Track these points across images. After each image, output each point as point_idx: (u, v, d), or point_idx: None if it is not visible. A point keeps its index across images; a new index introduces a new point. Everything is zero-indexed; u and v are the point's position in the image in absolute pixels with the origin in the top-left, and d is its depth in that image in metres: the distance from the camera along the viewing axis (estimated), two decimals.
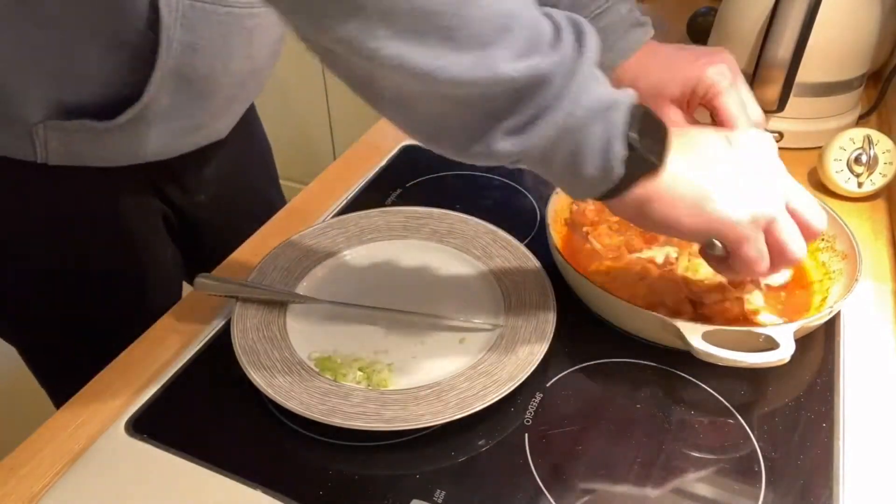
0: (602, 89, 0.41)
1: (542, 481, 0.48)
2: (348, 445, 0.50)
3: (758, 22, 0.82)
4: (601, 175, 0.42)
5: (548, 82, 0.39)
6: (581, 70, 0.40)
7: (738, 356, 0.49)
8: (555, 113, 0.39)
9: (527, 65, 0.38)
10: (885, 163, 0.75)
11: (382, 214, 0.69)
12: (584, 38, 0.40)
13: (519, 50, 0.38)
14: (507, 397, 0.51)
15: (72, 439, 0.51)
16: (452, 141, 0.42)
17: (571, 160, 0.42)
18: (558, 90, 0.39)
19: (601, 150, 0.41)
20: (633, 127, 0.41)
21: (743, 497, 0.47)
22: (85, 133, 0.59)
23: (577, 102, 0.40)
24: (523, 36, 0.38)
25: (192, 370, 0.56)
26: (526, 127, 0.40)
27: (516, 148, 0.41)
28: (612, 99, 0.41)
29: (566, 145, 0.41)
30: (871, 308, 0.63)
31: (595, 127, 0.41)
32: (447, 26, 0.36)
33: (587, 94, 0.40)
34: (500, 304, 0.60)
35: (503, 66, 0.37)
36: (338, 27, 0.35)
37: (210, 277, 0.60)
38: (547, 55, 0.39)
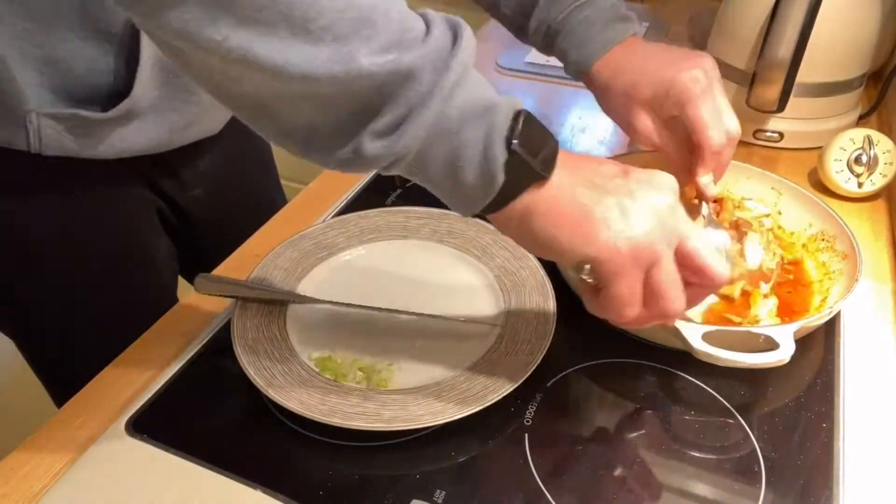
0: (481, 91, 0.39)
1: (542, 481, 0.48)
2: (348, 445, 0.50)
3: (758, 22, 0.82)
4: (482, 182, 0.39)
5: (413, 78, 0.36)
6: (454, 67, 0.37)
7: (737, 357, 0.49)
8: (424, 111, 0.36)
9: (388, 59, 0.35)
10: (886, 163, 0.75)
11: (382, 214, 0.69)
12: (459, 37, 0.38)
13: (381, 44, 0.35)
14: (507, 397, 0.51)
15: (72, 439, 0.51)
16: (321, 147, 0.39)
17: (449, 166, 0.39)
18: (427, 87, 0.36)
19: (480, 153, 0.38)
20: (515, 131, 0.38)
21: (743, 497, 0.47)
22: (78, 124, 0.60)
23: (450, 101, 0.37)
24: (387, 29, 0.35)
25: (192, 370, 0.56)
26: (395, 128, 0.37)
27: (385, 150, 0.37)
28: (493, 101, 0.38)
29: (441, 148, 0.38)
30: (871, 308, 0.63)
31: (472, 130, 0.38)
32: (300, 16, 0.33)
33: (462, 93, 0.37)
34: (500, 304, 0.60)
35: (362, 59, 0.34)
36: (173, 17, 0.32)
37: (210, 277, 0.60)
38: (411, 50, 0.36)
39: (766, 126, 0.86)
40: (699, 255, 0.42)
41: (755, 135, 0.87)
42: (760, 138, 0.87)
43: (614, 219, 0.40)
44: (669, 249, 0.42)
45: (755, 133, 0.87)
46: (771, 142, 0.87)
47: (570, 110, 0.98)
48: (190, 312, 0.62)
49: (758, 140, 0.87)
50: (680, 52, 0.60)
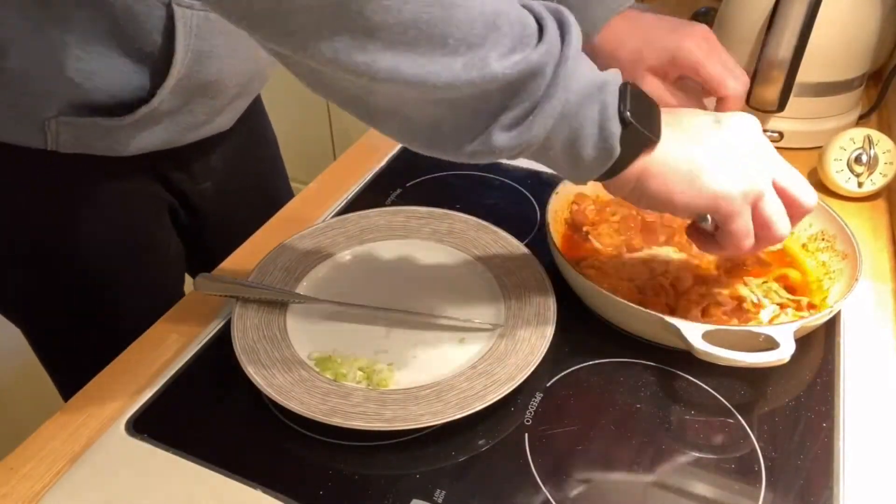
0: (591, 72, 0.42)
1: (542, 481, 0.48)
2: (348, 445, 0.50)
3: (758, 22, 0.82)
4: (600, 155, 0.43)
5: (539, 74, 0.39)
6: (568, 56, 0.40)
7: (738, 356, 0.49)
8: (550, 102, 0.40)
9: (517, 59, 0.38)
10: (886, 163, 0.75)
11: (382, 214, 0.69)
12: (566, 27, 0.41)
13: (508, 47, 0.38)
14: (507, 397, 0.51)
15: (72, 439, 0.51)
16: (452, 142, 0.42)
17: (570, 145, 0.43)
18: (550, 80, 0.40)
19: (598, 131, 0.42)
20: (624, 104, 0.42)
21: (743, 497, 0.47)
22: (94, 128, 0.61)
23: (569, 88, 0.40)
24: (511, 33, 0.38)
25: (192, 370, 0.56)
26: (523, 120, 0.40)
27: (515, 142, 0.41)
28: (602, 80, 0.42)
29: (563, 131, 0.42)
30: (871, 308, 0.63)
31: (589, 109, 0.41)
32: (437, 33, 0.36)
33: (577, 78, 0.41)
34: (500, 304, 0.60)
35: (495, 64, 0.38)
36: (325, 48, 0.36)
37: (210, 277, 0.60)
38: (535, 48, 0.39)
39: (766, 126, 0.86)
40: (792, 188, 0.48)
41: None
42: None
43: (721, 167, 0.45)
44: (769, 183, 0.47)
45: None
46: (771, 141, 0.86)
47: None
48: (190, 313, 0.62)
49: None
50: (677, 21, 0.63)
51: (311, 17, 0.35)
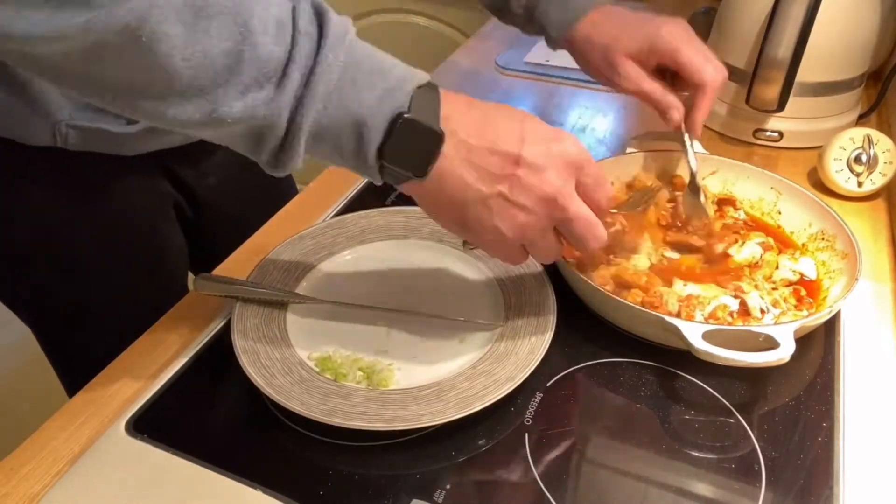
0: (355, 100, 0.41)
1: (542, 481, 0.48)
2: (348, 445, 0.50)
3: (758, 22, 0.82)
4: (365, 175, 0.44)
5: (272, 123, 0.40)
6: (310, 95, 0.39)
7: (738, 356, 0.49)
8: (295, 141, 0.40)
9: (250, 103, 0.39)
10: (885, 162, 0.75)
11: (382, 214, 0.69)
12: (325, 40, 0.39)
13: (241, 87, 0.38)
14: (507, 397, 0.51)
15: (72, 439, 0.51)
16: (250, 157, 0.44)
17: (337, 159, 0.44)
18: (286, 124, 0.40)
19: (355, 160, 0.43)
20: (388, 143, 0.42)
21: (743, 497, 0.47)
22: (104, 136, 0.63)
23: (320, 122, 0.40)
24: (244, 72, 0.38)
25: (192, 370, 0.56)
26: (278, 156, 0.42)
27: (283, 171, 0.43)
28: (362, 115, 0.41)
29: (326, 150, 0.43)
30: (871, 308, 0.63)
31: (346, 140, 0.42)
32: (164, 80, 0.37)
33: (330, 111, 0.40)
34: (500, 304, 0.60)
35: (223, 108, 0.38)
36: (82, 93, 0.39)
37: (210, 277, 0.60)
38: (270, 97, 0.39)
39: (765, 126, 0.86)
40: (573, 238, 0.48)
41: (755, 134, 0.87)
42: (760, 138, 0.87)
43: (485, 217, 0.45)
44: (541, 234, 0.47)
45: (755, 132, 0.87)
46: (771, 141, 0.87)
47: (569, 110, 0.98)
48: (190, 313, 0.62)
49: (758, 139, 0.87)
50: (655, 15, 0.65)
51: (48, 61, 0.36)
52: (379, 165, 0.43)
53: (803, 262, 0.63)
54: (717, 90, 0.64)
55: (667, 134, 0.72)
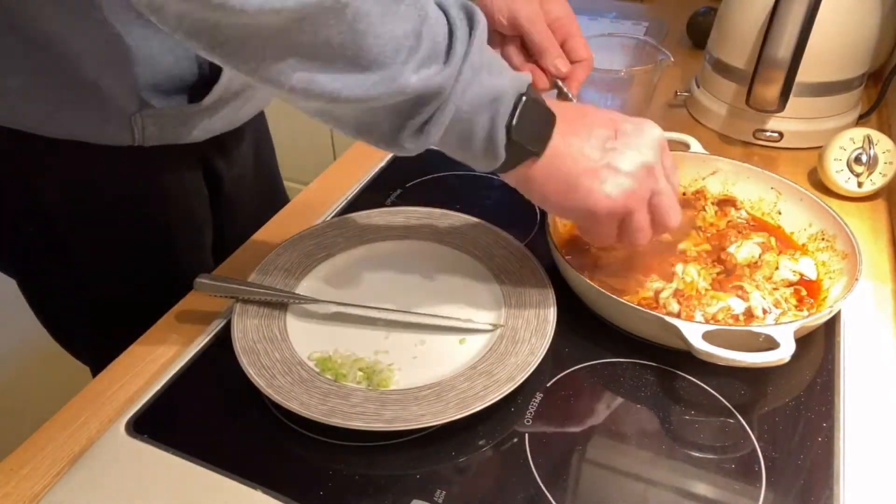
0: (491, 81, 0.46)
1: (542, 481, 0.48)
2: (348, 445, 0.50)
3: (758, 22, 0.82)
4: (487, 156, 0.49)
5: (441, 92, 0.44)
6: (464, 72, 0.44)
7: (738, 356, 0.49)
8: (443, 113, 0.45)
9: (424, 76, 0.43)
10: (886, 162, 0.75)
11: (382, 214, 0.69)
12: (475, 29, 0.45)
13: (418, 62, 0.43)
14: (507, 397, 0.51)
15: (72, 439, 0.51)
16: (376, 138, 0.47)
17: (463, 143, 0.48)
18: (448, 94, 0.44)
19: (486, 137, 0.47)
20: (515, 118, 0.47)
21: (743, 497, 0.47)
22: (177, 117, 0.64)
23: (463, 97, 0.45)
24: (421, 51, 0.43)
25: (192, 370, 0.56)
26: (424, 126, 0.46)
27: (418, 145, 0.46)
28: (498, 92, 0.46)
29: (456, 132, 0.47)
30: (871, 308, 0.63)
31: (480, 117, 0.47)
32: (349, 55, 0.41)
33: (474, 87, 0.45)
34: (500, 304, 0.60)
35: (403, 79, 0.43)
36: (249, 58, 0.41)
37: (210, 277, 0.60)
38: (441, 70, 0.44)
39: (765, 126, 0.86)
40: (660, 209, 0.52)
41: (755, 134, 0.87)
42: (760, 138, 0.87)
43: (596, 187, 0.50)
44: (642, 205, 0.52)
45: (755, 133, 0.87)
46: (771, 141, 0.87)
47: None
48: (190, 313, 0.62)
49: (758, 140, 0.87)
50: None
51: (235, 32, 0.39)
52: (505, 141, 0.47)
53: (803, 263, 0.63)
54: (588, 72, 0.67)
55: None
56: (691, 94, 0.94)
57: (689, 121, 0.94)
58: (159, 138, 0.64)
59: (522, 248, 0.64)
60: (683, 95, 0.95)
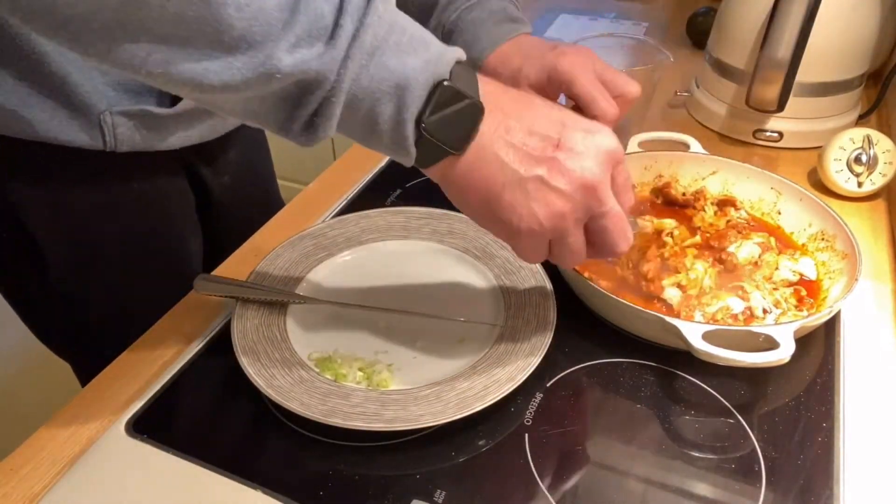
0: (397, 63, 0.39)
1: (542, 481, 0.48)
2: (348, 445, 0.50)
3: (758, 22, 0.82)
4: (398, 151, 0.42)
5: (322, 79, 0.37)
6: (357, 49, 0.37)
7: (738, 356, 0.49)
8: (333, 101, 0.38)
9: (300, 58, 0.36)
10: (885, 162, 0.75)
11: (382, 214, 0.69)
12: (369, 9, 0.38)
13: (293, 41, 0.36)
14: (507, 397, 0.51)
15: (72, 439, 0.51)
16: (271, 128, 0.41)
17: (368, 137, 0.41)
18: (333, 81, 0.38)
19: (392, 130, 0.40)
20: (429, 109, 0.40)
21: (743, 497, 0.47)
22: (147, 120, 0.63)
23: (358, 84, 0.38)
24: (298, 24, 0.36)
25: (192, 370, 0.56)
26: (313, 118, 0.39)
27: (312, 137, 0.40)
28: (406, 76, 0.39)
29: (357, 123, 0.40)
30: (871, 308, 0.63)
31: (383, 107, 0.39)
32: (209, 31, 0.35)
33: (371, 72, 0.38)
34: (500, 304, 0.60)
35: (272, 62, 0.36)
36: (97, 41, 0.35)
37: (210, 278, 0.60)
38: (323, 49, 0.37)
39: (765, 126, 0.86)
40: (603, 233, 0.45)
41: (755, 134, 0.87)
42: (760, 138, 0.87)
43: (520, 202, 0.43)
44: (576, 227, 0.44)
45: (755, 133, 0.87)
46: (771, 141, 0.87)
47: None
48: (190, 312, 0.62)
49: (757, 140, 0.87)
50: (561, 43, 0.64)
51: (79, 9, 0.33)
52: (416, 136, 0.40)
53: (803, 263, 0.63)
54: (614, 122, 0.60)
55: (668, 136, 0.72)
56: (691, 94, 0.95)
57: (688, 121, 0.94)
58: (132, 143, 0.63)
59: None
60: (683, 95, 0.95)
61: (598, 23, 1.21)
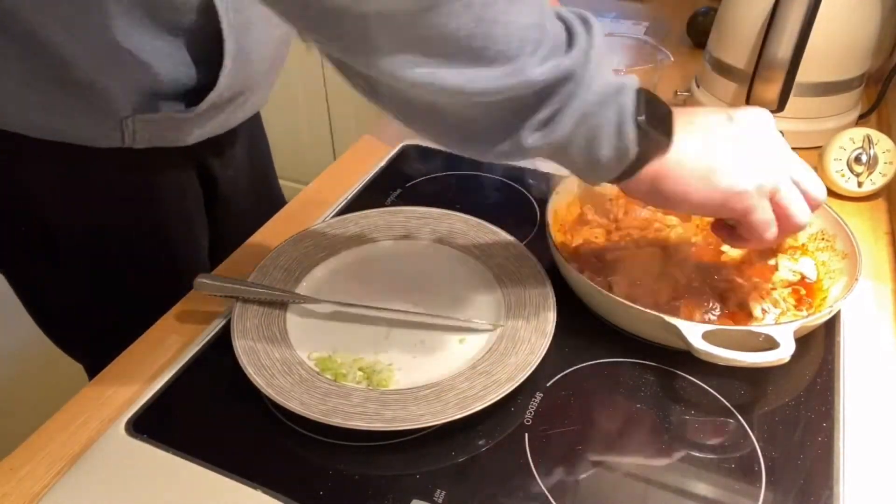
0: (611, 75, 0.44)
1: (542, 481, 0.48)
2: (348, 445, 0.50)
3: (758, 22, 0.82)
4: (617, 156, 0.45)
5: (570, 78, 0.41)
6: (592, 59, 0.42)
7: (738, 356, 0.49)
8: (574, 102, 0.42)
9: (551, 65, 0.40)
10: (885, 162, 0.75)
11: (382, 214, 0.69)
12: (591, 29, 0.43)
13: (543, 54, 0.40)
14: (507, 397, 0.51)
15: (72, 439, 0.51)
16: (484, 142, 0.44)
17: (589, 145, 0.44)
18: (577, 81, 0.42)
19: (615, 132, 0.43)
20: (640, 108, 0.44)
21: (743, 497, 0.47)
22: (169, 123, 0.64)
23: (590, 89, 0.42)
24: (546, 42, 0.40)
25: (192, 370, 0.56)
26: (550, 120, 0.42)
27: (543, 141, 0.43)
28: (620, 83, 0.44)
29: (583, 132, 0.43)
30: (871, 308, 0.63)
31: (608, 111, 0.43)
32: (476, 47, 0.38)
33: (598, 80, 0.42)
34: (500, 304, 0.60)
35: (530, 71, 0.40)
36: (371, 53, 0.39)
37: (210, 277, 0.60)
38: (567, 54, 0.41)
39: None
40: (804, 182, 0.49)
41: None
42: None
43: (734, 164, 0.47)
44: (785, 175, 0.48)
45: None
46: None
47: None
48: (190, 313, 0.62)
49: None
50: None
51: (358, 25, 0.37)
52: (636, 135, 0.44)
53: (803, 263, 0.63)
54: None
55: None
56: (691, 94, 0.94)
57: None
58: (150, 141, 0.64)
59: (522, 248, 0.64)
60: (683, 95, 0.95)
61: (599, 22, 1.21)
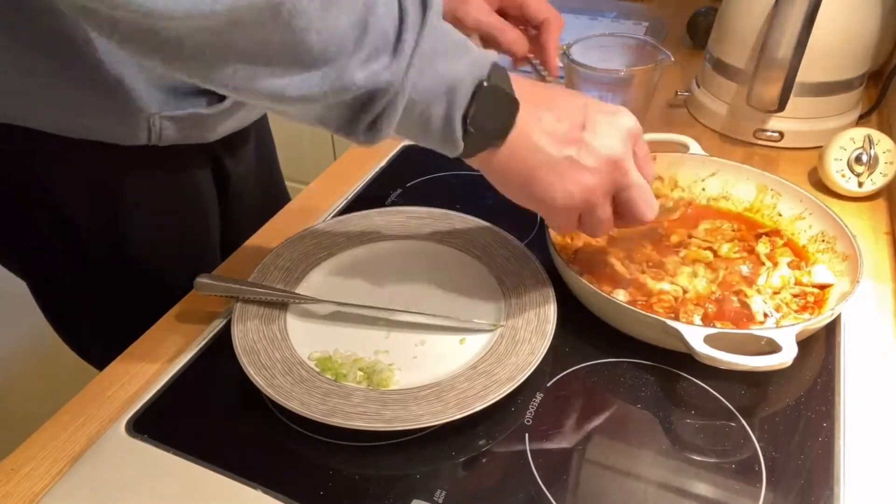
0: (447, 68, 0.44)
1: (542, 481, 0.48)
2: (348, 445, 0.50)
3: (758, 22, 0.82)
4: (446, 145, 0.47)
5: (387, 90, 0.42)
6: (417, 59, 0.42)
7: (740, 360, 0.49)
8: (392, 111, 0.43)
9: (370, 73, 0.41)
10: (886, 162, 0.75)
11: (382, 214, 0.69)
12: (428, 12, 0.42)
13: (366, 55, 0.41)
14: (507, 397, 0.51)
15: (72, 439, 0.51)
16: (334, 129, 0.45)
17: (420, 133, 0.47)
18: (397, 88, 0.42)
19: (442, 127, 0.45)
20: (473, 107, 0.45)
21: (743, 497, 0.47)
22: (194, 119, 0.64)
23: (416, 89, 0.43)
24: (369, 40, 0.40)
25: (192, 370, 0.56)
26: (374, 125, 0.44)
27: (374, 138, 0.44)
28: (454, 80, 0.44)
29: (412, 122, 0.45)
30: (871, 308, 0.63)
31: (436, 108, 0.45)
32: (291, 54, 0.39)
33: (427, 79, 0.43)
34: (500, 304, 0.60)
35: (349, 75, 0.40)
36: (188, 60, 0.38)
37: (210, 277, 0.60)
38: (389, 61, 0.41)
39: (766, 126, 0.86)
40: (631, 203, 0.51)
41: (755, 134, 0.87)
42: (760, 138, 0.87)
43: (554, 181, 0.49)
44: (604, 199, 0.51)
45: (755, 133, 0.87)
46: (771, 141, 0.87)
47: None
48: (190, 313, 0.62)
49: (758, 140, 0.87)
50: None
51: (171, 35, 0.36)
52: (463, 131, 0.45)
53: (817, 272, 0.62)
54: (560, 29, 0.69)
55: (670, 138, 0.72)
56: (691, 93, 0.94)
57: (689, 120, 0.94)
58: (175, 139, 0.64)
59: (522, 248, 0.64)
60: (684, 95, 0.95)
61: (599, 23, 1.21)
